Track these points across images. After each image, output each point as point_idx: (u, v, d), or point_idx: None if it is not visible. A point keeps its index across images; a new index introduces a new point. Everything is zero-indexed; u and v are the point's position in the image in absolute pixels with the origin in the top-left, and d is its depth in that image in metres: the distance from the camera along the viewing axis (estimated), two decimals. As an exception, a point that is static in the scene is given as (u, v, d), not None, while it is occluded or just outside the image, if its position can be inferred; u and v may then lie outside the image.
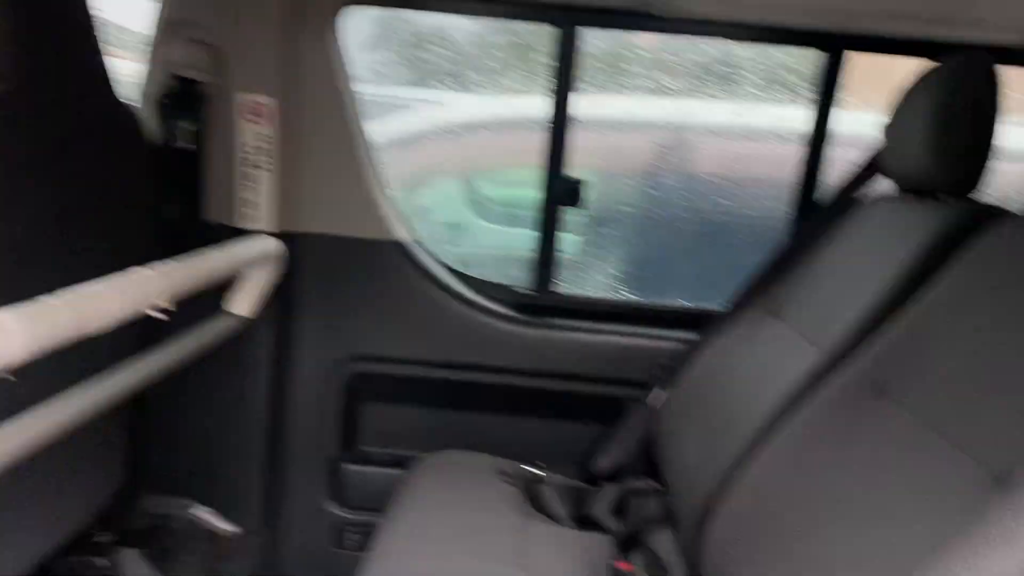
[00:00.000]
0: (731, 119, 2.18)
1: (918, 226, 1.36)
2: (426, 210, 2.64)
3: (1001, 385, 0.94)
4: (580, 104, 1.85)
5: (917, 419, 1.02)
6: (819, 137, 1.88)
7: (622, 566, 1.36)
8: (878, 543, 0.93)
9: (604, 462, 1.87)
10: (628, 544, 1.58)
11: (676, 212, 2.19)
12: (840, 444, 1.12)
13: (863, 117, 1.80)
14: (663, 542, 1.56)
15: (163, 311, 1.14)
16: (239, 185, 1.75)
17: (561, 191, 1.88)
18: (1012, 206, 1.33)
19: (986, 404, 0.93)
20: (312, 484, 1.94)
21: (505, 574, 1.40)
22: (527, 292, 1.98)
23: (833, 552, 0.99)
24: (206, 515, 1.86)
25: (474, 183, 2.76)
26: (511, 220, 2.78)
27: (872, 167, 1.74)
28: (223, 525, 1.87)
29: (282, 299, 1.83)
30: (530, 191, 2.52)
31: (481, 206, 2.79)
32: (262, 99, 1.71)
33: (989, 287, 1.07)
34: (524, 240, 2.55)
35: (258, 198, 1.76)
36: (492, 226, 2.88)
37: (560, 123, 1.85)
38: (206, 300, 1.53)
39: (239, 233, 1.75)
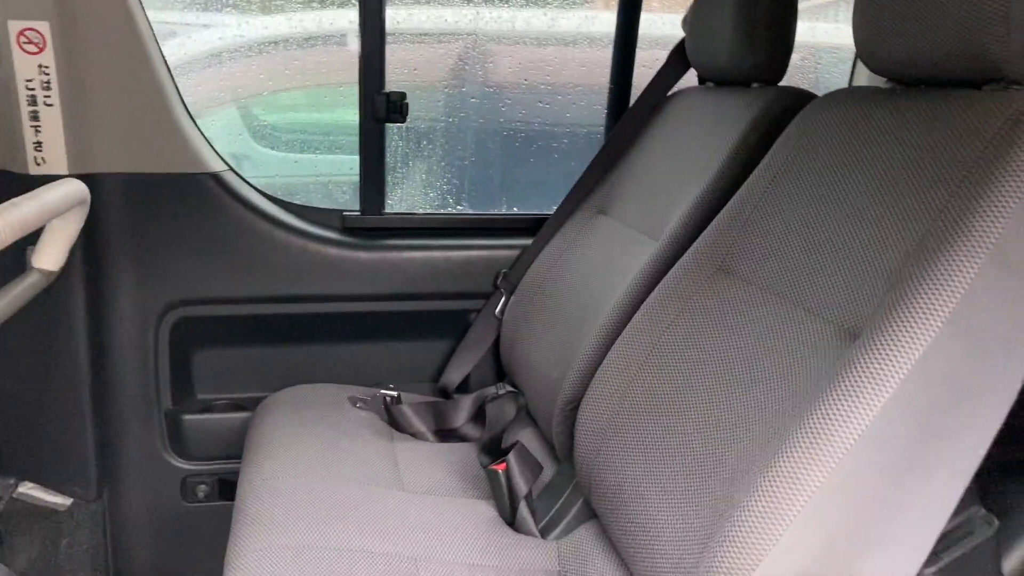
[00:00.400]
0: (541, 25, 2.19)
1: (737, 114, 1.45)
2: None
3: (834, 248, 1.04)
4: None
5: (766, 292, 1.12)
6: (629, 39, 1.94)
7: (496, 467, 1.40)
8: (747, 406, 1.02)
9: (456, 375, 1.90)
10: (493, 448, 1.64)
11: (494, 122, 2.19)
12: (694, 323, 1.20)
13: (667, 18, 1.88)
14: (527, 440, 1.62)
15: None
16: (23, 126, 1.55)
17: (383, 107, 1.82)
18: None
19: (825, 268, 1.04)
20: (151, 441, 1.82)
21: (383, 494, 1.41)
22: (356, 215, 1.92)
23: (704, 420, 1.07)
24: (35, 491, 1.70)
25: (253, 109, 2.61)
26: (297, 146, 2.67)
27: (679, 62, 1.81)
28: (56, 499, 1.72)
29: (90, 248, 1.67)
30: (314, 113, 2.42)
31: (262, 133, 2.66)
32: (36, 24, 1.51)
33: (808, 161, 1.17)
34: (315, 165, 2.47)
35: (47, 138, 1.57)
36: (277, 153, 2.75)
37: (375, 35, 1.78)
38: (3, 258, 1.37)
39: (30, 180, 1.56)
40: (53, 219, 1.44)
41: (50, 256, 1.47)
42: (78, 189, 1.46)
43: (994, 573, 1.69)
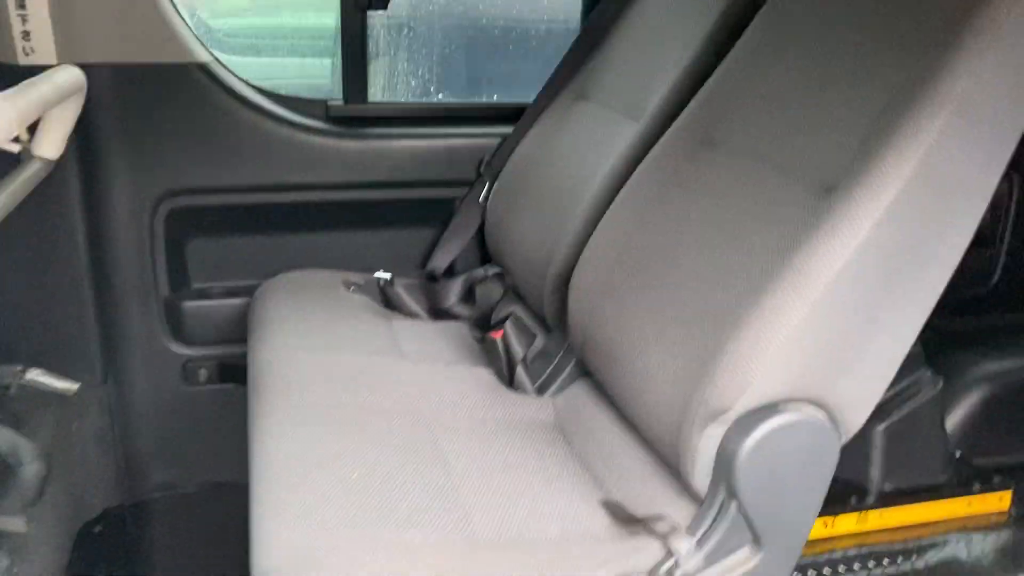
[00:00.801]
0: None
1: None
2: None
3: (811, 112, 1.13)
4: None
5: (747, 158, 1.21)
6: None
7: (493, 335, 1.51)
8: (732, 259, 1.12)
9: (442, 261, 1.98)
10: (484, 323, 1.74)
11: (471, 11, 2.22)
12: (680, 192, 1.30)
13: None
14: (517, 313, 1.73)
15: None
16: (10, 15, 1.55)
17: (365, -6, 1.84)
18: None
19: (803, 130, 1.13)
20: (150, 327, 1.89)
21: (388, 363, 1.51)
22: (340, 104, 1.96)
23: (693, 274, 1.17)
24: (43, 376, 1.77)
25: (198, 15, 2.58)
26: (248, 50, 2.65)
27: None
28: (63, 384, 1.79)
29: (82, 138, 1.69)
30: (260, 18, 2.40)
31: (212, 38, 2.63)
32: (16, -92, 1.50)
33: (786, 33, 1.25)
34: (269, 70, 2.46)
35: (35, 27, 1.57)
36: (229, 58, 2.71)
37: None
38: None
39: (19, 70, 1.57)
40: (51, 107, 1.47)
41: (51, 144, 1.50)
42: (76, 76, 1.48)
43: (938, 428, 1.87)
